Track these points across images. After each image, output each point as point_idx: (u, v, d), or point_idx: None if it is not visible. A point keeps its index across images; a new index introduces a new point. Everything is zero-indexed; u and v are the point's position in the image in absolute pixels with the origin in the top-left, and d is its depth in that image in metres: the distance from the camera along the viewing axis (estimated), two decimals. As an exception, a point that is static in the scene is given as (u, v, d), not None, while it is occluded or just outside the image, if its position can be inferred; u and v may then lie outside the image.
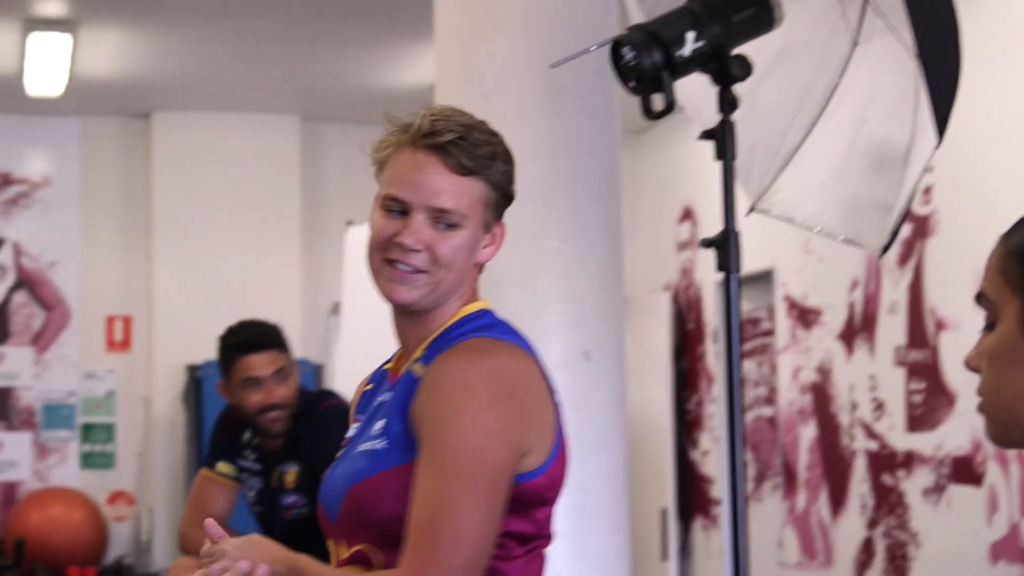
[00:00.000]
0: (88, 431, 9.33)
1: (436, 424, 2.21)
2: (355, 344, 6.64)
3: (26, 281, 9.28)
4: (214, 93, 9.01)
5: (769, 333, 8.46)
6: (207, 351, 8.96)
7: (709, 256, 9.18)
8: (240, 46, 8.09)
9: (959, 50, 3.04)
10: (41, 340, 9.28)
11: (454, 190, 2.31)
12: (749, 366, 8.61)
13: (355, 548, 2.30)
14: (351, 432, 2.45)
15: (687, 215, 9.21)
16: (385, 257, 2.33)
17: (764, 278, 8.25)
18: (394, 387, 2.35)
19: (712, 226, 8.79)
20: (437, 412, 2.21)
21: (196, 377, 8.93)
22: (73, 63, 8.04)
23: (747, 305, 8.67)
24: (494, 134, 2.39)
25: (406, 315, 2.38)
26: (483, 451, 2.20)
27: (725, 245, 2.97)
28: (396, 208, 2.33)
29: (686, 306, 9.22)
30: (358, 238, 6.91)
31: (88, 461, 9.32)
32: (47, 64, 7.93)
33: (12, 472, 9.18)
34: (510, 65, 4.42)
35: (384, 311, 6.69)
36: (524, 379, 2.30)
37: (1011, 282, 1.71)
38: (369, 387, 2.49)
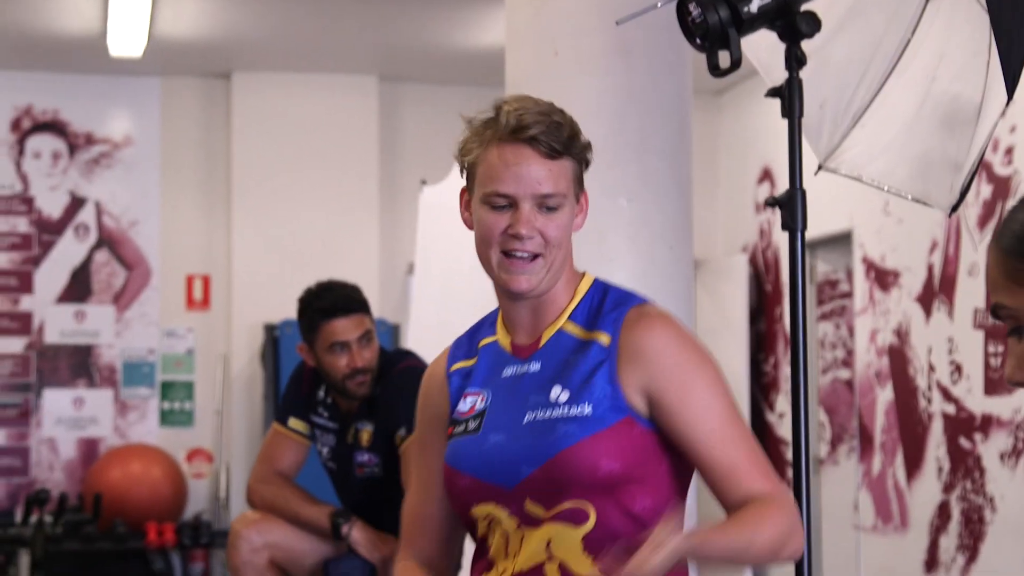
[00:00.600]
0: (168, 389, 9.43)
1: (688, 380, 2.52)
2: (427, 303, 6.65)
3: (107, 240, 9.37)
4: (293, 53, 9.04)
5: (847, 295, 8.39)
6: (285, 310, 9.06)
7: (786, 217, 9.09)
8: (319, 6, 8.10)
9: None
10: (122, 299, 9.38)
11: (551, 175, 2.51)
12: (826, 328, 8.55)
13: (564, 506, 2.48)
14: (476, 404, 2.60)
15: (766, 175, 9.14)
16: (503, 249, 2.53)
17: (843, 239, 8.18)
18: (546, 357, 2.56)
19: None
20: (681, 370, 2.52)
21: (273, 336, 8.99)
22: (154, 23, 8.10)
23: (824, 267, 8.60)
24: (564, 112, 2.57)
25: (527, 300, 2.57)
26: (725, 383, 2.57)
27: (791, 204, 2.94)
28: (503, 203, 2.51)
29: (764, 267, 9.16)
30: (432, 198, 6.92)
31: (167, 418, 9.42)
32: (129, 24, 7.99)
33: (93, 428, 9.30)
34: (580, 23, 4.39)
35: (457, 271, 6.69)
36: None
37: (1022, 280, 1.67)
38: (470, 362, 2.66)
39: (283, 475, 4.82)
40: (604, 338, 2.54)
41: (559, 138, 2.51)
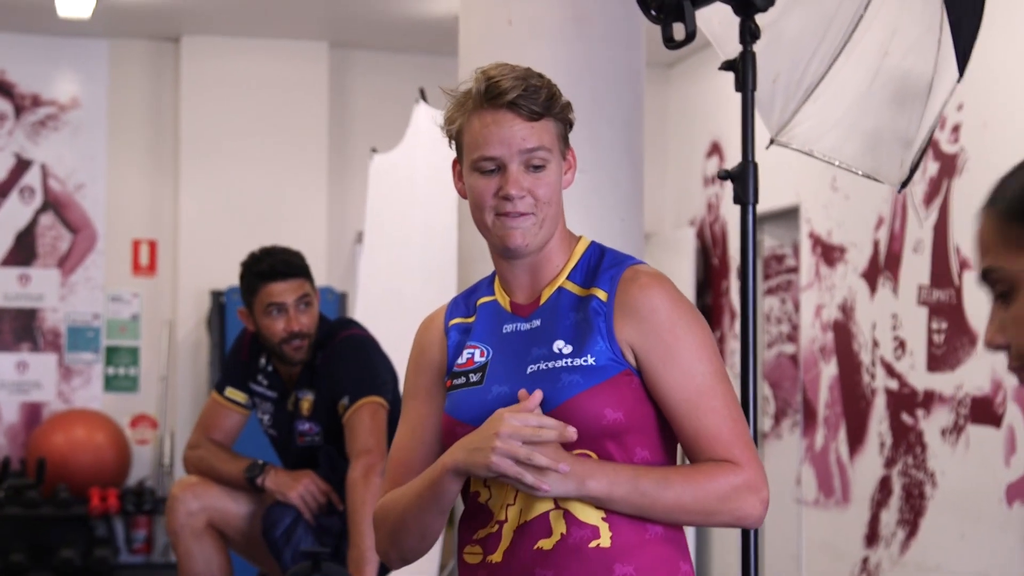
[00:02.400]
0: (112, 354, 9.38)
1: (677, 340, 2.57)
2: (376, 272, 6.65)
3: (53, 203, 9.30)
4: (243, 18, 8.98)
5: (793, 270, 8.43)
6: (231, 276, 8.95)
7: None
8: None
9: (983, -15, 3.00)
10: (67, 263, 9.31)
11: (534, 133, 2.58)
12: (772, 303, 8.59)
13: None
14: (475, 357, 2.67)
15: (715, 150, 9.16)
16: (496, 212, 2.61)
17: (789, 214, 8.22)
18: (546, 313, 2.64)
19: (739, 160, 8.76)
20: (670, 329, 2.58)
21: (220, 302, 8.96)
22: (102, -15, 8.04)
23: (771, 242, 8.64)
24: (542, 76, 2.65)
25: (523, 259, 2.65)
26: (716, 352, 2.61)
27: (743, 177, 2.96)
28: (491, 167, 2.59)
29: (711, 241, 9.19)
30: (383, 166, 6.91)
31: (112, 384, 9.37)
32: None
33: (37, 393, 9.24)
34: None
35: (407, 240, 6.67)
36: None
37: (1018, 243, 1.68)
38: (469, 319, 2.73)
39: (215, 441, 4.83)
40: (601, 294, 2.61)
41: (538, 100, 2.58)
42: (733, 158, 8.97)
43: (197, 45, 9.34)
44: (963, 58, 2.91)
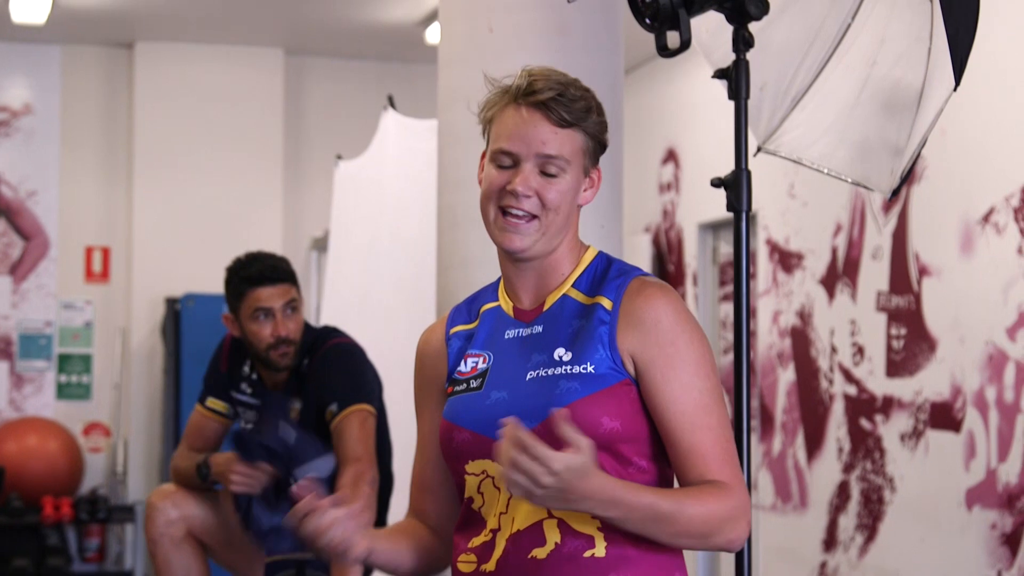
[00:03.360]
0: (65, 362, 9.29)
1: (678, 352, 2.56)
2: (343, 278, 6.63)
3: (4, 210, 9.21)
4: (198, 24, 8.93)
5: (750, 277, 8.46)
6: (186, 283, 8.99)
7: (691, 198, 9.17)
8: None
9: (977, -6, 3.03)
10: (19, 270, 9.22)
11: (557, 140, 2.59)
12: (728, 309, 8.63)
13: None
14: (478, 364, 2.67)
15: (670, 156, 9.19)
16: (499, 205, 2.61)
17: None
18: (549, 320, 2.64)
19: (696, 168, 8.81)
20: (671, 341, 2.56)
21: (175, 310, 8.90)
22: (57, -9, 7.98)
23: (727, 248, 8.68)
24: (587, 90, 2.66)
25: (528, 264, 2.65)
26: (715, 369, 2.59)
27: (736, 185, 2.96)
28: (507, 161, 2.61)
29: (667, 248, 9.21)
30: (348, 173, 6.88)
31: (64, 392, 9.29)
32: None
33: (-20, 403, 9.16)
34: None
35: (374, 246, 6.63)
36: None
37: None
38: (471, 325, 2.73)
39: (199, 453, 4.80)
40: (606, 303, 2.60)
41: (570, 108, 2.59)
42: (689, 165, 9.05)
43: (151, 51, 9.28)
44: (960, 67, 2.93)
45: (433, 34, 8.67)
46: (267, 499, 4.52)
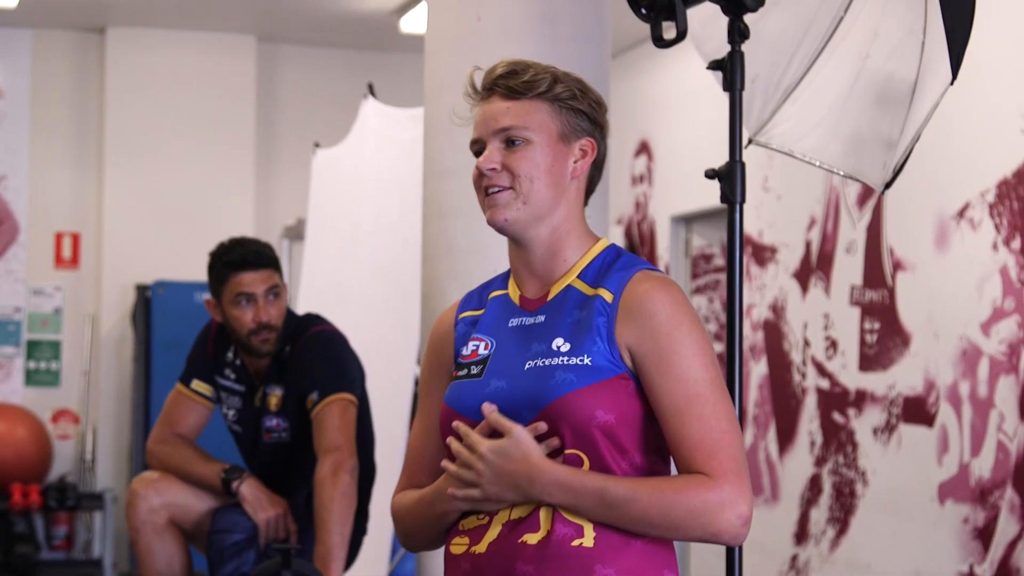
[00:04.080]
0: (34, 348, 9.23)
1: (672, 344, 2.54)
2: (321, 266, 6.60)
3: (-24, 196, 9.15)
4: (170, 10, 8.87)
5: (721, 270, 8.47)
6: (157, 270, 8.94)
7: (664, 191, 9.13)
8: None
9: (974, -13, 3.03)
10: (-11, 255, 9.16)
11: (512, 112, 2.61)
12: (700, 302, 8.63)
13: (566, 452, 2.54)
14: (479, 349, 2.68)
15: (643, 149, 9.19)
16: (481, 191, 2.64)
17: (719, 214, 8.25)
18: (551, 310, 2.64)
19: (669, 160, 8.81)
20: (667, 333, 2.54)
21: (145, 296, 8.85)
22: (30, -26, 7.92)
23: (700, 241, 8.68)
24: (552, 68, 2.67)
25: (525, 244, 2.66)
26: (714, 362, 2.56)
27: (731, 176, 2.96)
28: (477, 149, 2.65)
29: (639, 240, 9.21)
30: (326, 161, 6.85)
31: (33, 378, 9.22)
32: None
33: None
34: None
35: (352, 234, 6.59)
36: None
37: None
38: (478, 312, 2.75)
39: (182, 436, 4.77)
40: (607, 295, 2.60)
41: (520, 79, 2.61)
42: (662, 157, 9.05)
43: (123, 37, 9.22)
44: (957, 62, 2.93)
45: (408, 23, 8.64)
46: (261, 552, 4.55)
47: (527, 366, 2.60)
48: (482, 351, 2.68)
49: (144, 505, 4.60)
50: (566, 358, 2.56)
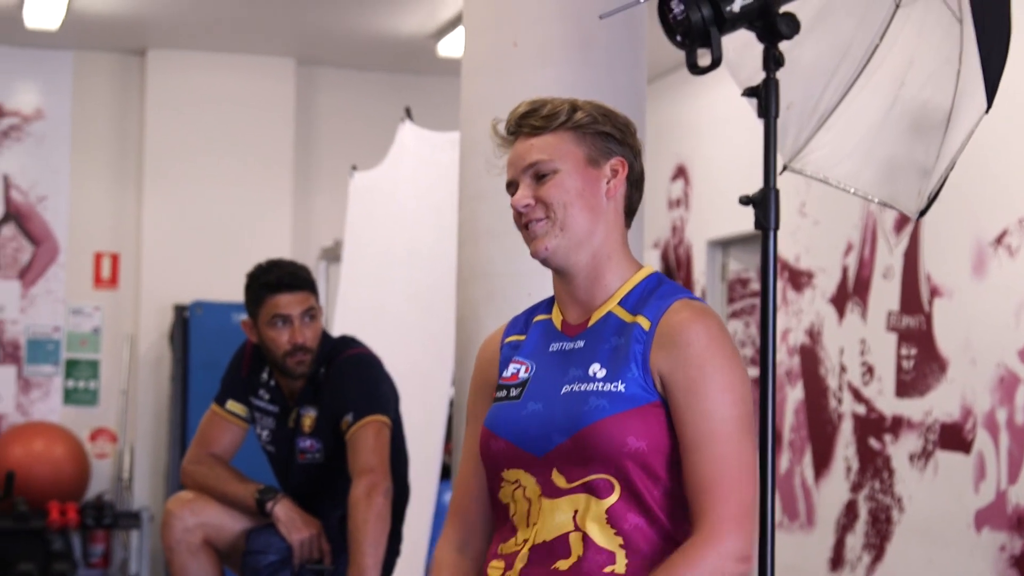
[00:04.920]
0: (72, 367, 9.29)
1: (703, 376, 2.54)
2: (358, 288, 6.62)
3: (15, 214, 9.21)
4: (210, 32, 8.93)
5: (758, 294, 8.46)
6: (195, 290, 8.98)
7: (700, 215, 9.13)
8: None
9: (1009, 15, 3.03)
10: (28, 274, 9.22)
11: (536, 147, 2.66)
12: (736, 326, 8.62)
13: (590, 478, 2.56)
14: (520, 372, 2.71)
15: (680, 173, 9.19)
16: (521, 228, 2.69)
17: (756, 239, 8.24)
18: (591, 336, 2.65)
19: (706, 185, 8.80)
20: (699, 366, 2.55)
21: (183, 317, 8.89)
22: (71, -3, 7.99)
23: (736, 266, 8.68)
24: (570, 99, 2.72)
25: (567, 272, 2.69)
26: (744, 399, 2.56)
27: (764, 203, 2.96)
28: (512, 190, 2.70)
29: (675, 264, 9.21)
30: (364, 184, 6.88)
31: (71, 397, 9.28)
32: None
33: (-11, 407, 9.15)
34: (541, 13, 4.38)
35: (389, 257, 6.61)
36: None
37: None
38: (520, 337, 2.78)
39: (217, 457, 4.79)
40: (645, 322, 2.62)
41: (539, 115, 2.67)
42: (699, 182, 9.05)
43: (163, 59, 9.28)
44: (992, 89, 2.94)
45: (446, 47, 8.68)
46: (295, 573, 4.58)
47: (563, 390, 2.62)
48: (522, 374, 2.71)
49: (179, 525, 4.62)
50: (601, 384, 2.59)
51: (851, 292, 7.24)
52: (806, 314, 7.66)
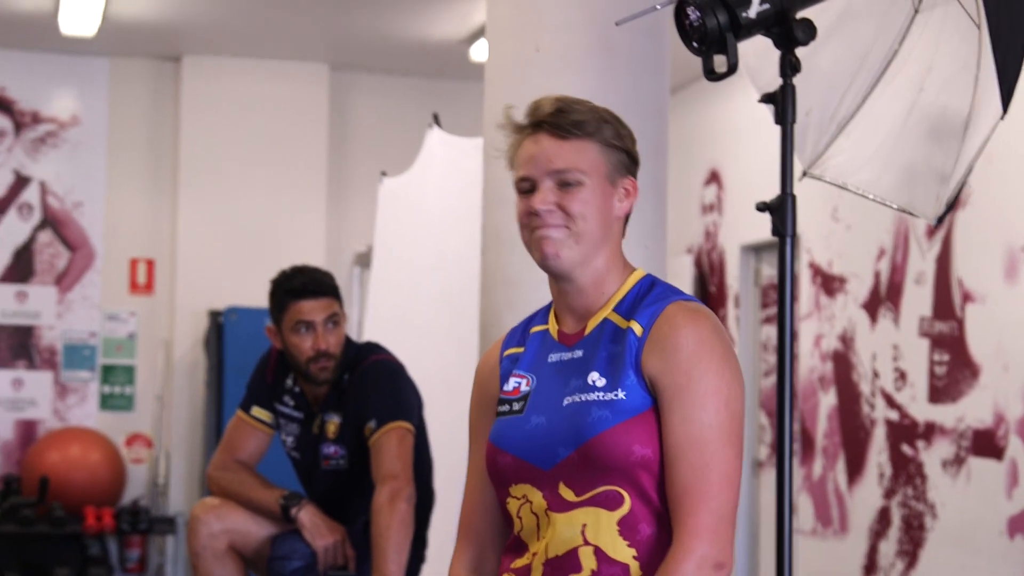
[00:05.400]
0: (108, 372, 9.34)
1: (689, 382, 2.53)
2: (386, 294, 6.63)
3: (51, 221, 9.27)
4: (244, 38, 8.98)
5: (794, 301, 8.41)
6: (230, 296, 9.02)
7: (734, 220, 9.12)
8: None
9: (1026, 21, 3.01)
10: (65, 280, 9.28)
11: (565, 152, 2.62)
12: (769, 332, 8.60)
13: (599, 490, 2.55)
14: (521, 386, 2.70)
15: (713, 178, 9.18)
16: (530, 229, 2.65)
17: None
18: (588, 344, 2.63)
19: (739, 190, 8.79)
20: (686, 371, 2.53)
21: (218, 322, 8.93)
22: (107, 3, 8.02)
23: (769, 271, 8.65)
24: (594, 106, 2.68)
25: (569, 281, 2.66)
26: (729, 404, 2.53)
27: (782, 209, 2.97)
28: (527, 187, 2.66)
29: (708, 269, 9.20)
30: (393, 190, 6.89)
31: (107, 403, 9.33)
32: (82, 4, 7.91)
33: (32, 411, 9.20)
34: (563, 19, 4.38)
35: (417, 263, 6.62)
36: (726, 335, 2.62)
37: None
38: (518, 350, 2.76)
39: (242, 463, 4.81)
40: (638, 328, 2.60)
41: (571, 119, 2.62)
42: (732, 186, 9.03)
43: (198, 65, 9.34)
44: (1007, 95, 2.92)
45: (478, 52, 8.69)
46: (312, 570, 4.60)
47: (565, 402, 2.60)
48: (523, 388, 2.69)
49: (205, 530, 4.64)
50: (601, 393, 2.57)
51: (884, 297, 7.21)
52: (839, 319, 7.63)
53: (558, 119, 2.63)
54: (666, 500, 2.55)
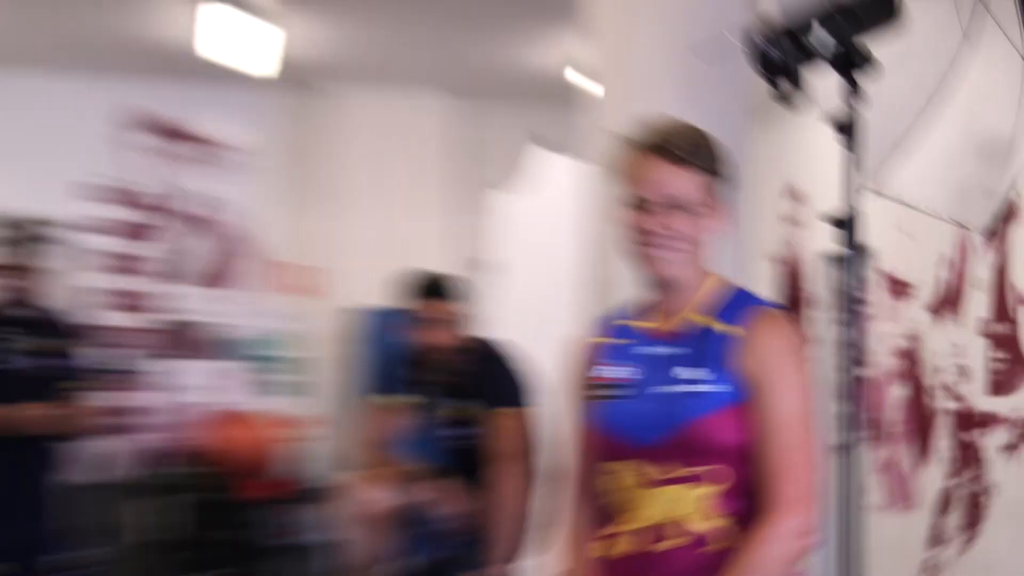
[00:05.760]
0: (266, 362, 9.47)
1: (780, 379, 2.60)
2: (493, 305, 6.60)
3: (226, 232, 9.43)
4: (372, 68, 9.01)
5: (856, 310, 8.23)
6: (375, 298, 9.04)
7: (811, 230, 8.91)
8: (399, 29, 8.11)
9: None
10: (242, 285, 9.48)
11: (678, 179, 2.65)
12: (845, 332, 8.42)
13: (686, 471, 2.59)
14: (616, 373, 2.68)
15: (791, 191, 9.00)
16: (642, 243, 2.67)
17: (860, 252, 8.04)
18: (682, 341, 2.65)
19: (816, 202, 8.58)
20: (778, 369, 2.60)
21: (365, 321, 9.00)
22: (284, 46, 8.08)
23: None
24: (700, 132, 2.72)
25: (668, 287, 2.69)
26: (807, 396, 2.64)
27: (849, 225, 2.92)
28: (638, 203, 2.67)
29: (789, 275, 9.03)
30: (502, 205, 6.86)
31: (271, 390, 9.44)
32: (256, 47, 7.88)
33: (193, 396, 9.30)
34: (661, 45, 4.30)
35: (521, 276, 6.56)
36: (802, 338, 2.76)
37: None
38: (611, 339, 2.76)
39: (382, 443, 4.86)
40: (736, 329, 2.65)
41: (682, 147, 2.63)
42: (810, 197, 8.83)
43: (345, 96, 9.39)
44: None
45: (575, 76, 8.54)
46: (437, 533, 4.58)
47: (662, 390, 2.59)
48: (617, 375, 2.68)
49: (359, 498, 4.69)
50: (696, 385, 2.57)
51: (946, 301, 7.05)
52: (906, 320, 7.47)
53: (672, 146, 2.63)
54: (747, 481, 2.55)
